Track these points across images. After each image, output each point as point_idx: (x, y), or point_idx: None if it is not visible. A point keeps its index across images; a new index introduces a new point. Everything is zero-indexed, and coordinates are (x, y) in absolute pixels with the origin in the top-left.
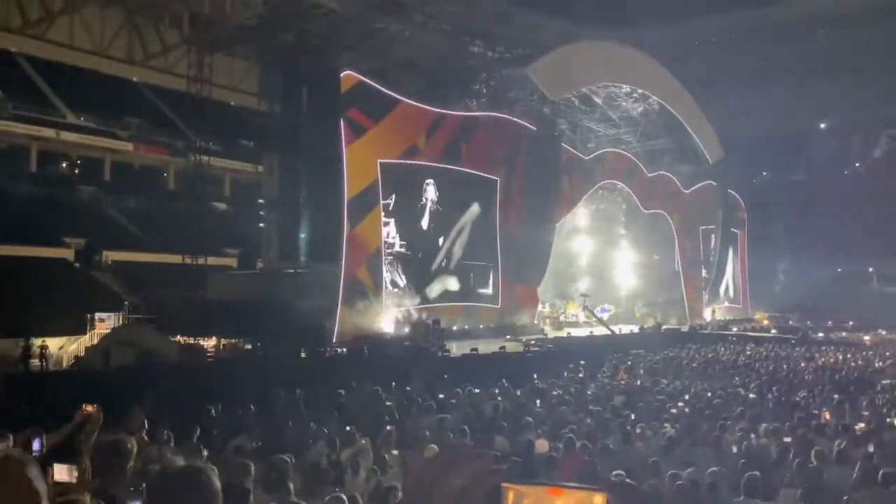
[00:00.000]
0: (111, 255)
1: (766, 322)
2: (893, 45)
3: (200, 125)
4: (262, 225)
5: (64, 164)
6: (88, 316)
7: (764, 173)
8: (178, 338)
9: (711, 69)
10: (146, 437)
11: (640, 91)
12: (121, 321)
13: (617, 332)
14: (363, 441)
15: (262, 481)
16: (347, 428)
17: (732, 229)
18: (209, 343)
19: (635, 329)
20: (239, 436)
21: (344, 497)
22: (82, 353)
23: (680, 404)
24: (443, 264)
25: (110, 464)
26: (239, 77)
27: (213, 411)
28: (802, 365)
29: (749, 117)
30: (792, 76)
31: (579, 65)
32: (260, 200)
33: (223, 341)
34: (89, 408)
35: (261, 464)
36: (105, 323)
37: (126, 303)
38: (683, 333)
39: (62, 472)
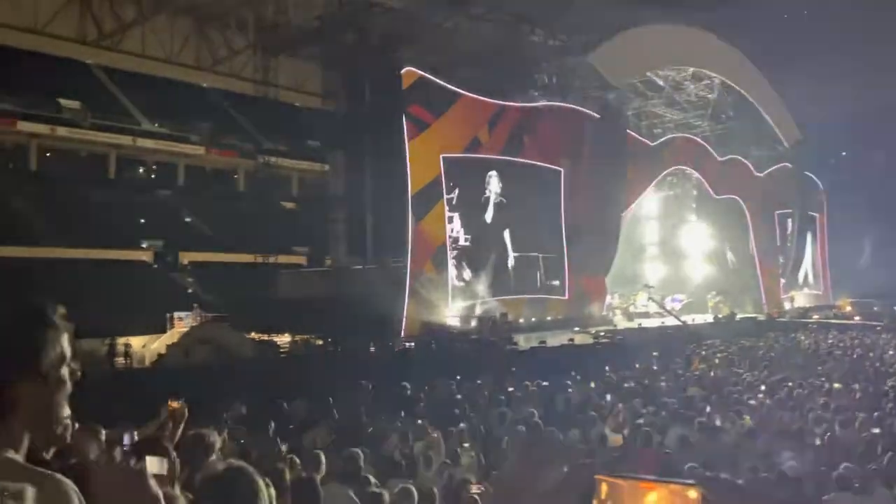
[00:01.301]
0: (187, 256)
1: (849, 308)
2: None
3: (268, 127)
4: (329, 223)
5: (140, 170)
6: (168, 315)
7: (843, 153)
8: (253, 334)
9: (785, 47)
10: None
11: (708, 73)
12: (198, 320)
13: (688, 323)
14: (435, 434)
15: (338, 473)
16: (419, 421)
17: (810, 213)
18: (282, 339)
19: (709, 318)
20: (313, 429)
21: (413, 489)
22: (163, 351)
23: (759, 395)
24: (508, 257)
25: (195, 457)
26: (303, 78)
27: (288, 406)
28: (890, 353)
29: (826, 96)
30: (872, 50)
31: (643, 49)
32: (328, 198)
33: (296, 337)
34: (174, 403)
35: (336, 457)
36: (183, 321)
37: (194, 304)
38: (760, 322)
39: (153, 465)
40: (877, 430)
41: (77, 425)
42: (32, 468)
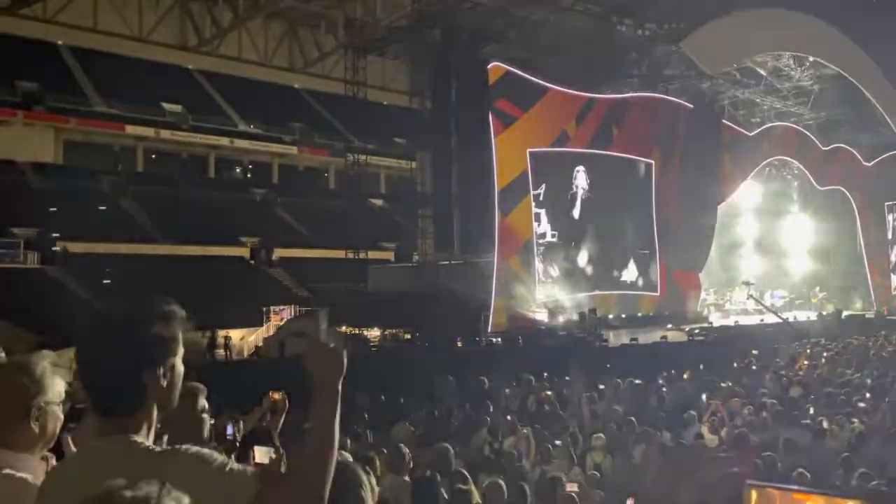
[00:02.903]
0: (281, 252)
1: None
2: None
3: (357, 126)
4: (417, 219)
5: (237, 170)
6: (264, 309)
7: None
8: (344, 328)
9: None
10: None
11: (810, 59)
12: (293, 313)
13: (790, 320)
14: (525, 430)
15: (431, 466)
16: (508, 417)
17: None
18: (372, 333)
19: (812, 316)
20: (402, 423)
21: (502, 483)
22: (260, 344)
23: (868, 396)
24: (596, 252)
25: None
26: (390, 77)
27: (379, 399)
28: None
29: None
30: None
31: (738, 35)
32: (416, 195)
33: (385, 331)
34: (276, 395)
35: (427, 450)
36: (280, 315)
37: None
38: (869, 320)
39: (262, 455)
40: None
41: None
42: (159, 450)
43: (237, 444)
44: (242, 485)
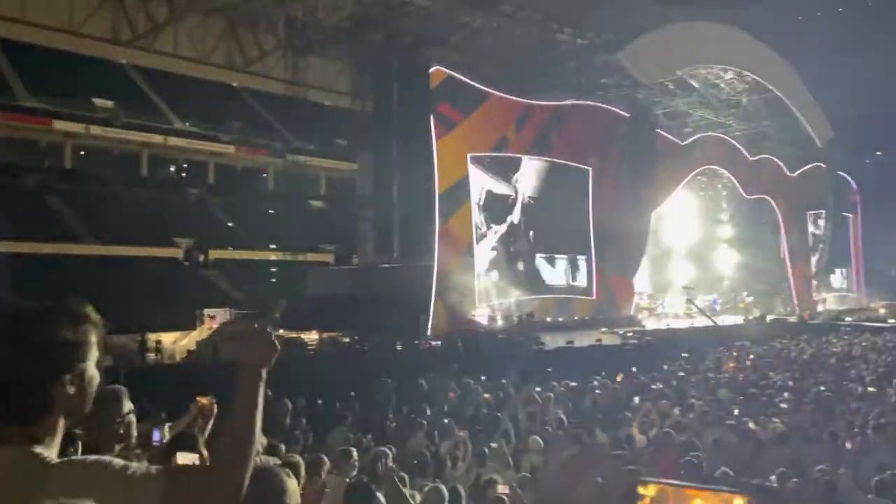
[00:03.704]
0: (217, 254)
1: (882, 311)
2: None
3: (297, 126)
4: (357, 221)
5: (171, 169)
6: (197, 312)
7: (878, 153)
8: (281, 332)
9: (817, 44)
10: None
11: (740, 72)
12: (227, 316)
13: (720, 324)
14: (461, 433)
15: (366, 471)
16: (445, 420)
17: (844, 213)
18: (310, 337)
19: (739, 320)
20: (340, 427)
21: (443, 488)
22: (193, 347)
23: (790, 398)
24: (534, 257)
25: None
26: (332, 78)
27: (316, 403)
28: None
29: (860, 93)
30: None
31: (673, 47)
32: (356, 197)
33: (323, 335)
34: (204, 400)
35: (364, 455)
36: (214, 318)
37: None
38: (791, 324)
39: (185, 461)
40: None
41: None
42: (55, 462)
43: (164, 449)
44: (147, 485)
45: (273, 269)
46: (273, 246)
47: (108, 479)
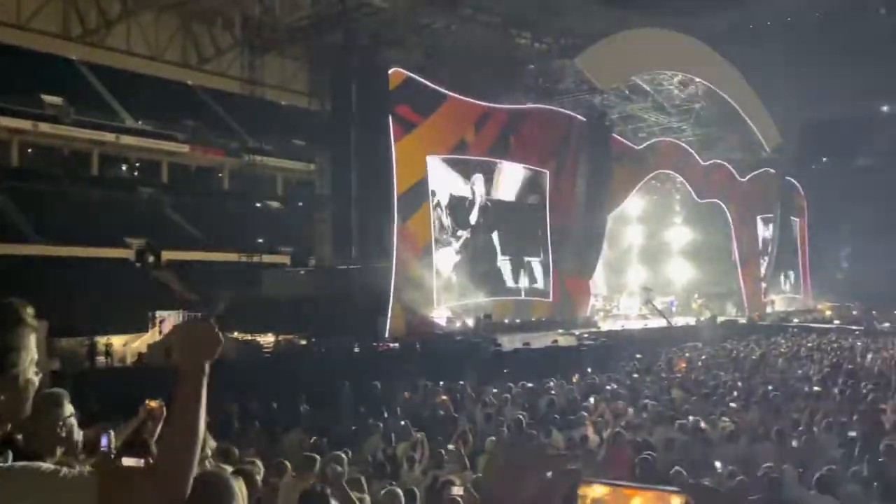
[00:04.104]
0: (170, 255)
1: (828, 313)
2: None
3: (253, 126)
4: (314, 222)
5: (123, 168)
6: (150, 314)
7: (824, 159)
8: (236, 334)
9: (768, 52)
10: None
11: (693, 79)
12: (180, 318)
13: (674, 325)
14: (418, 435)
15: (319, 474)
16: (402, 422)
17: (792, 217)
18: (266, 339)
19: (691, 321)
20: (295, 430)
21: (399, 491)
22: (144, 350)
23: (739, 397)
24: (493, 259)
25: None
26: (290, 77)
27: (271, 406)
28: (869, 356)
29: (808, 101)
30: (853, 56)
31: (629, 53)
32: (314, 198)
33: (280, 337)
34: (153, 403)
35: (325, 458)
36: (166, 321)
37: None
38: (742, 325)
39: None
40: (853, 433)
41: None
42: None
43: (111, 455)
44: (79, 489)
45: (228, 271)
46: (229, 247)
47: (38, 485)
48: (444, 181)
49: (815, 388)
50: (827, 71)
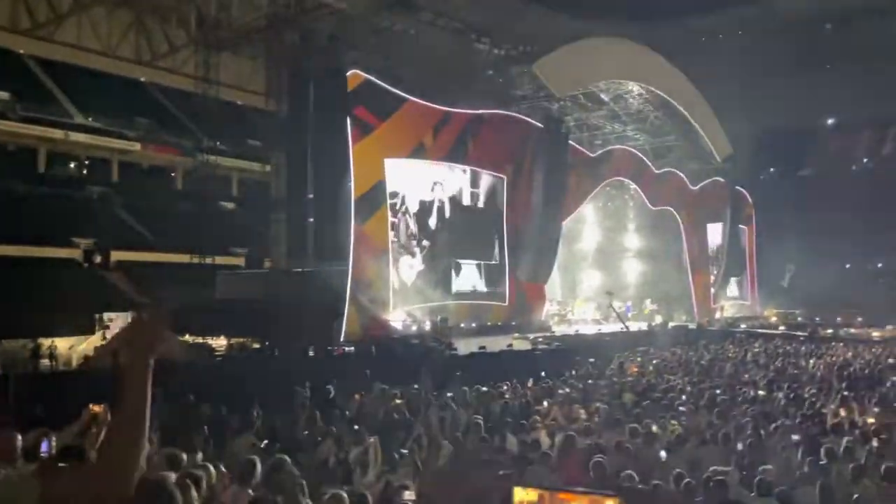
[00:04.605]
0: (119, 255)
1: (774, 318)
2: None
3: (208, 125)
4: (270, 224)
5: (72, 165)
6: (97, 316)
7: (772, 169)
8: (187, 337)
9: (719, 65)
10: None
11: (647, 88)
12: (129, 321)
13: (631, 330)
14: (372, 439)
15: (266, 480)
16: (356, 427)
17: (740, 226)
18: (218, 342)
19: (643, 326)
20: (246, 434)
21: (344, 495)
22: (91, 353)
23: (688, 401)
24: (450, 263)
25: None
26: (246, 76)
27: (222, 410)
28: (812, 361)
29: (757, 113)
30: (800, 71)
31: (586, 61)
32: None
33: (232, 340)
34: (96, 408)
35: (267, 463)
36: (113, 323)
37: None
38: (691, 330)
39: None
40: (796, 437)
41: None
42: None
43: (51, 460)
44: (20, 489)
45: (180, 273)
46: (181, 248)
47: None
48: (402, 185)
49: (761, 393)
50: (776, 83)
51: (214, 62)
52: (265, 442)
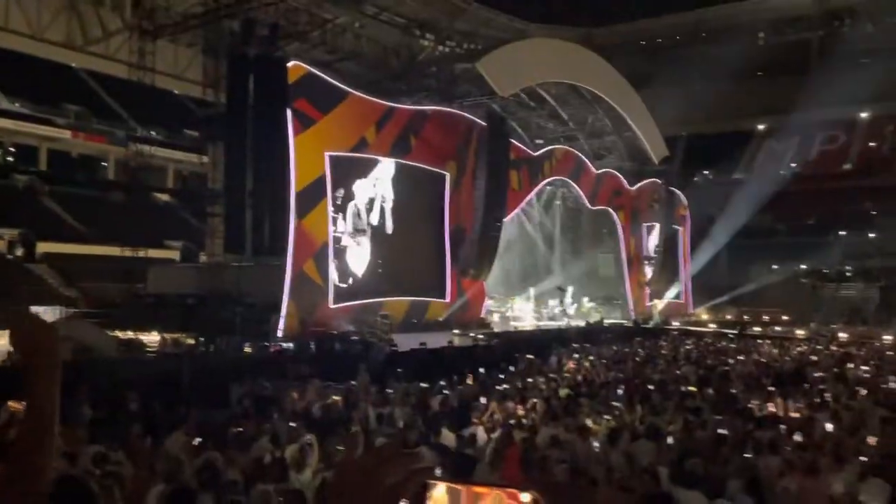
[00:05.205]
0: (47, 247)
1: (705, 317)
2: (830, 50)
3: (142, 113)
4: (206, 217)
5: None
6: (21, 310)
7: (706, 172)
8: (117, 333)
9: (656, 69)
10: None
11: (588, 89)
12: (57, 315)
13: (568, 327)
14: (308, 437)
15: (196, 477)
16: (292, 424)
17: (674, 226)
18: (150, 338)
19: (581, 323)
20: (178, 432)
21: (272, 492)
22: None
23: (623, 396)
24: (391, 259)
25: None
26: (183, 65)
27: (154, 407)
28: (740, 358)
29: (692, 117)
30: (733, 78)
31: (529, 61)
32: (206, 191)
33: (165, 336)
34: (16, 405)
35: (199, 460)
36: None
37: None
38: (627, 328)
39: None
40: (724, 431)
41: None
42: None
43: None
44: None
45: (111, 266)
46: (112, 240)
47: None
48: (344, 180)
49: (691, 389)
50: (710, 88)
51: (150, 49)
52: (198, 440)
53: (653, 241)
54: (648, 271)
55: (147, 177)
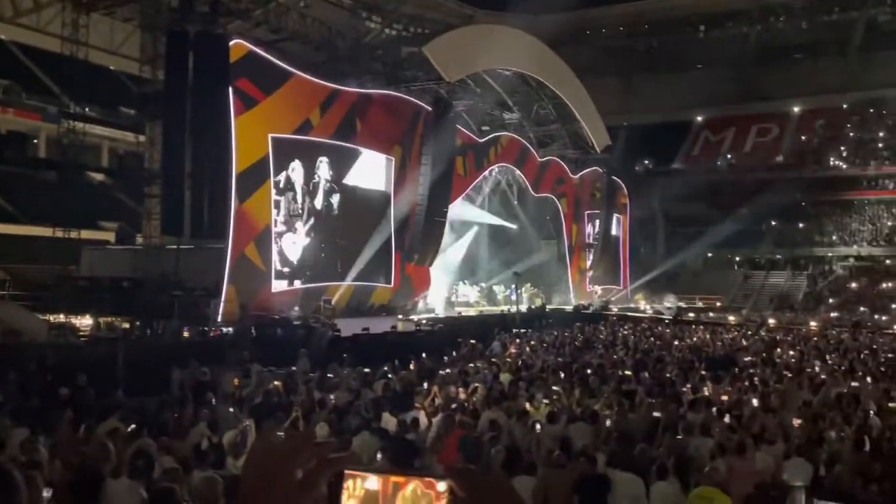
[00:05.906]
0: None
1: (642, 303)
2: (768, 44)
3: (76, 89)
4: (143, 198)
5: None
6: None
7: (646, 161)
8: (48, 316)
9: (599, 58)
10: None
11: (533, 77)
12: None
13: (520, 311)
14: (247, 422)
15: (128, 465)
16: (231, 409)
17: (616, 214)
18: (83, 322)
19: (523, 308)
20: (111, 418)
21: (218, 478)
22: None
23: (562, 380)
24: (335, 243)
25: None
26: (119, 40)
27: (87, 393)
28: (675, 343)
29: (633, 106)
30: (673, 69)
31: (475, 47)
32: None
33: (100, 320)
34: None
35: (132, 447)
36: None
37: None
38: (568, 313)
39: None
40: (657, 414)
41: None
42: None
43: None
44: None
45: (42, 247)
46: (43, 221)
47: None
48: (287, 162)
49: (628, 373)
50: (651, 79)
51: (84, 22)
52: (132, 427)
53: (594, 228)
54: (589, 258)
55: (80, 155)
